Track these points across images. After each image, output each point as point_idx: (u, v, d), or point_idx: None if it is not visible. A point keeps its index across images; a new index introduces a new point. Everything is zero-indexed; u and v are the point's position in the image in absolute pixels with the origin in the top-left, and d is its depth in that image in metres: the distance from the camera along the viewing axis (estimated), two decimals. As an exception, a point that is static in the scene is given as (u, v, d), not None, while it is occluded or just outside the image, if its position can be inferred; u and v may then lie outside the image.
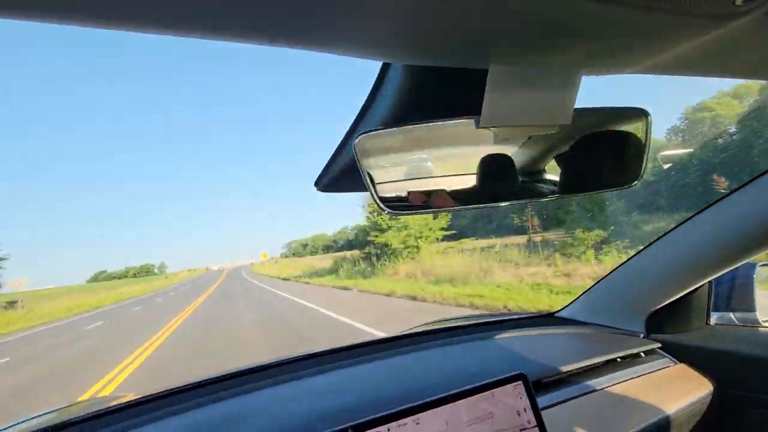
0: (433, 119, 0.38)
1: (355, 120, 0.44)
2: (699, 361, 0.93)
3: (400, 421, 0.51)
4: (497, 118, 0.38)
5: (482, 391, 0.57)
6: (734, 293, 1.03)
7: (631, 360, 0.96)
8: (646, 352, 0.98)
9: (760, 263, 1.00)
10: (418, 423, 0.52)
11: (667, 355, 0.98)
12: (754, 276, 1.01)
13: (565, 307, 1.25)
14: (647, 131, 0.47)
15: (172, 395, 0.83)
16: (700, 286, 0.94)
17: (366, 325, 5.74)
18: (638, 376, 0.90)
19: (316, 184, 0.45)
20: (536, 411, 0.59)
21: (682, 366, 0.94)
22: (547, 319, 1.25)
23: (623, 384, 0.86)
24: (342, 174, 0.42)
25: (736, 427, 0.89)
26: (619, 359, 0.96)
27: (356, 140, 0.38)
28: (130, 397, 0.85)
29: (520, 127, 0.40)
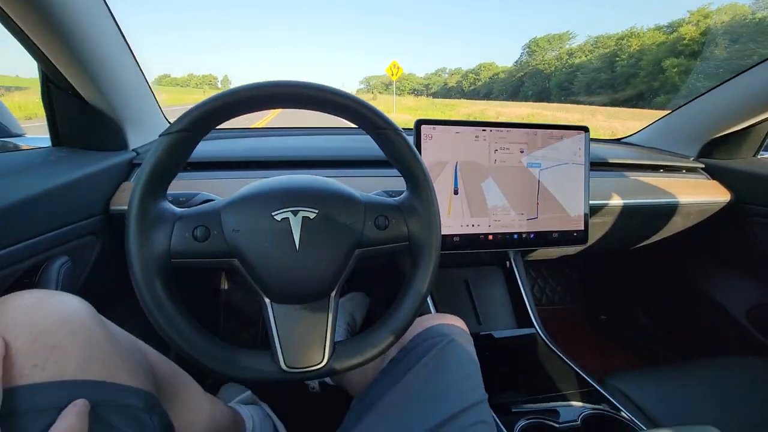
0: None
1: None
2: (729, 180, 1.14)
3: (500, 129, 0.82)
4: None
5: (558, 129, 0.86)
6: (796, 140, 1.16)
7: (673, 171, 1.20)
8: (688, 169, 1.20)
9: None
10: (508, 131, 0.83)
11: (705, 173, 1.19)
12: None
13: (633, 134, 1.44)
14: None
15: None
16: (758, 123, 1.08)
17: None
18: (671, 179, 1.14)
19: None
20: (587, 153, 0.88)
21: (713, 181, 1.16)
22: (614, 141, 1.45)
23: (657, 179, 1.12)
24: None
25: (737, 228, 1.15)
26: (662, 169, 1.20)
27: None
28: None
29: None
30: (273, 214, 0.47)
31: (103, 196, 0.75)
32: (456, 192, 0.80)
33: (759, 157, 1.16)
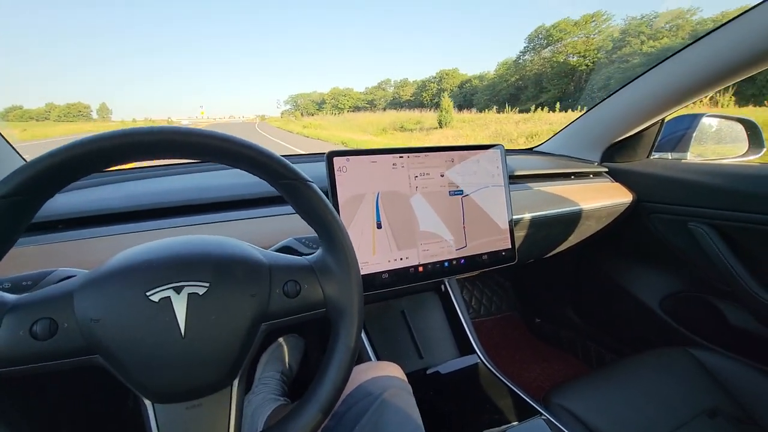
0: None
1: None
2: (629, 181, 1.23)
3: (418, 154, 0.79)
4: None
5: (471, 150, 0.84)
6: (678, 140, 1.29)
7: (582, 177, 1.26)
8: (595, 174, 1.28)
9: (707, 114, 1.24)
10: (426, 156, 0.79)
11: (609, 176, 1.28)
12: (698, 126, 1.25)
13: (542, 143, 1.51)
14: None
15: None
16: (649, 126, 1.18)
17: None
18: (581, 185, 1.20)
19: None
20: (505, 171, 0.88)
21: (616, 184, 1.25)
22: (526, 151, 1.52)
23: (568, 187, 1.17)
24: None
25: (641, 225, 1.24)
26: (572, 176, 1.26)
27: None
28: None
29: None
30: (148, 293, 0.36)
31: None
32: (379, 226, 0.75)
33: (651, 158, 1.27)
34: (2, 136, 0.77)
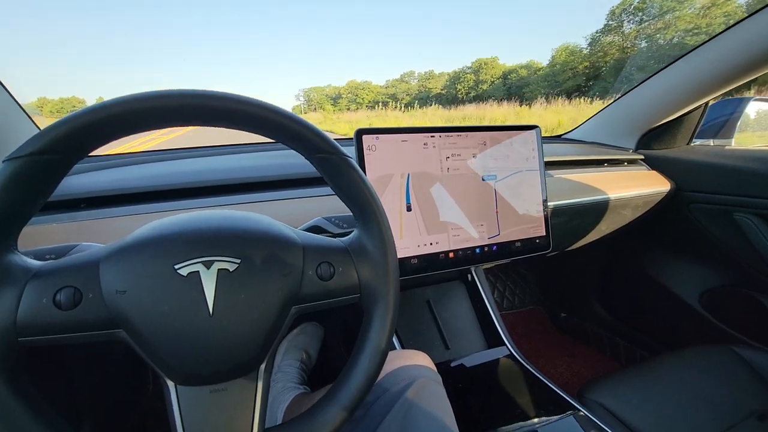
0: None
1: None
2: (667, 169, 1.16)
3: (454, 132, 0.74)
4: None
5: (505, 131, 0.80)
6: (721, 126, 1.21)
7: (616, 165, 1.20)
8: (630, 161, 1.22)
9: (755, 97, 1.16)
10: (459, 136, 0.75)
11: (645, 164, 1.21)
12: (744, 111, 1.17)
13: (571, 130, 1.45)
14: None
15: None
16: (689, 112, 1.11)
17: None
18: (615, 173, 1.14)
19: None
20: (540, 153, 0.83)
21: (653, 172, 1.18)
22: (555, 138, 1.46)
23: (602, 175, 1.11)
24: None
25: (680, 216, 1.17)
26: (606, 163, 1.20)
27: None
28: None
29: None
30: (176, 267, 0.34)
31: None
32: (409, 208, 0.71)
33: (692, 145, 1.19)
34: (20, 105, 0.76)
